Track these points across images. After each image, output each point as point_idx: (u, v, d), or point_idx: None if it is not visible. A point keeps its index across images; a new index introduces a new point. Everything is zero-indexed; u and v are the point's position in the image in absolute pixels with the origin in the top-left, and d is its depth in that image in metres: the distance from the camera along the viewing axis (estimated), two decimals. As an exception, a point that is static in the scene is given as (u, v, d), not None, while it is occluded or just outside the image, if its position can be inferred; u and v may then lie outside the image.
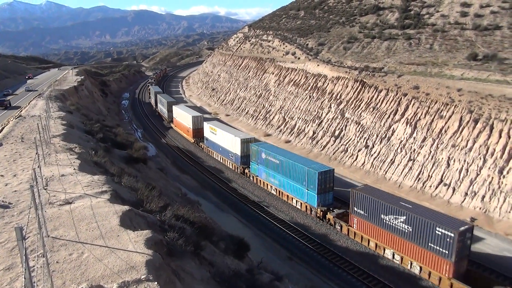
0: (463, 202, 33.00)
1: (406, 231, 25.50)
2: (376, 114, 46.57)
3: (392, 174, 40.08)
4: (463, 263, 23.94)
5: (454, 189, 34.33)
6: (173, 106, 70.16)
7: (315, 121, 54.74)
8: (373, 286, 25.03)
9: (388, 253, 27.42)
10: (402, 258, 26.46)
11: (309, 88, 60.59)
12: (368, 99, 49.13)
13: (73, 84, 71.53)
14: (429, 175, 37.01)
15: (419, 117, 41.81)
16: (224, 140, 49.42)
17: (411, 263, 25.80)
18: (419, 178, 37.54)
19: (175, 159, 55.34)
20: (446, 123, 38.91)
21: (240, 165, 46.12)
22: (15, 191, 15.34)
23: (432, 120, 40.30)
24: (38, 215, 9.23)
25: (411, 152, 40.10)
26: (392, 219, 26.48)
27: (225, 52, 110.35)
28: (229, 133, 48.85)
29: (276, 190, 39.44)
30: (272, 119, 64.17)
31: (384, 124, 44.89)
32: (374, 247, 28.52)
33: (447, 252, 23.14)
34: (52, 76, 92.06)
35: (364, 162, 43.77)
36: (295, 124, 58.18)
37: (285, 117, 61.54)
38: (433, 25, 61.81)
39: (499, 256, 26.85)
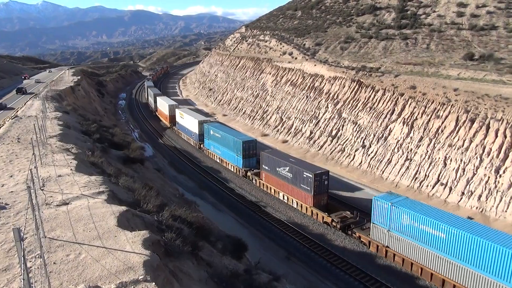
0: (460, 201, 33.14)
1: (289, 177, 36.19)
2: (373, 114, 46.68)
3: (389, 173, 40.18)
4: (322, 197, 34.24)
5: (451, 189, 34.46)
6: (157, 97, 79.75)
7: (312, 121, 54.80)
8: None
9: (281, 196, 38.25)
10: (288, 198, 37.26)
11: (306, 88, 60.66)
12: (365, 99, 49.23)
13: (70, 84, 71.31)
14: (426, 175, 37.13)
15: (416, 117, 41.94)
16: (189, 122, 59.31)
17: (292, 200, 36.59)
18: (416, 178, 37.65)
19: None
20: (442, 122, 39.04)
21: (198, 141, 56.56)
22: (12, 192, 15.29)
23: (429, 120, 40.43)
24: (35, 216, 9.20)
25: (408, 152, 40.22)
26: (282, 170, 37.23)
27: (222, 52, 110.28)
28: (192, 116, 58.64)
29: (219, 158, 50.49)
30: (269, 119, 64.20)
31: (381, 124, 45.00)
32: (273, 193, 39.49)
33: (309, 188, 33.67)
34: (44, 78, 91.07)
35: (361, 162, 43.86)
36: (292, 124, 58.22)
37: (282, 117, 61.58)
38: (429, 25, 61.99)
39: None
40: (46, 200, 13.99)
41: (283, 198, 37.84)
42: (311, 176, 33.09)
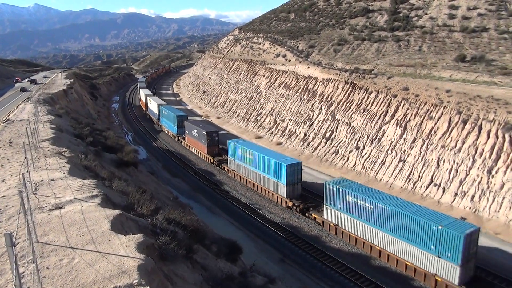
0: (453, 202, 33.35)
1: (196, 136, 52.92)
2: (367, 115, 46.90)
3: (383, 175, 40.36)
4: (214, 148, 50.91)
5: (444, 189, 34.68)
6: (140, 89, 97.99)
7: (306, 123, 54.93)
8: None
9: (194, 150, 55.22)
10: (196, 150, 54.39)
11: (300, 90, 60.81)
12: (359, 100, 49.46)
13: (62, 87, 70.84)
14: (419, 176, 37.34)
15: (409, 118, 42.20)
16: (154, 106, 75.13)
17: (198, 151, 54.10)
18: (410, 179, 37.85)
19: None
20: (435, 124, 39.32)
21: (158, 120, 73.44)
22: (4, 196, 15.12)
23: (422, 121, 40.70)
24: (28, 220, 9.10)
25: (401, 153, 40.43)
26: (193, 132, 53.69)
27: (215, 55, 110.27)
28: (155, 101, 75.40)
29: (168, 132, 67.71)
30: (263, 121, 64.24)
31: (374, 125, 45.21)
32: (191, 149, 56.49)
33: (204, 141, 50.92)
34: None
35: (355, 163, 44.01)
36: (286, 126, 58.31)
37: (276, 119, 61.65)
38: (421, 27, 62.53)
39: (489, 256, 27.12)
40: (38, 204, 13.85)
41: (195, 151, 55.12)
42: (205, 133, 49.92)
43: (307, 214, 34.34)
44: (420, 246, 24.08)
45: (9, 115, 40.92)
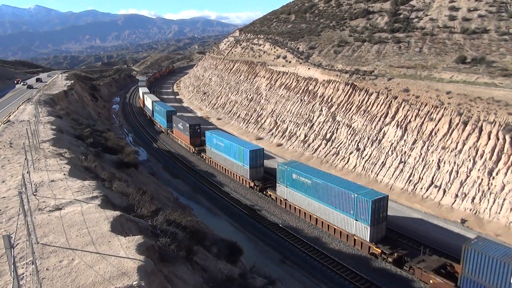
0: (453, 203, 33.30)
1: (182, 129, 58.86)
2: (367, 117, 46.88)
3: (384, 176, 40.31)
4: (196, 139, 56.33)
5: (444, 191, 34.63)
6: (140, 88, 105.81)
7: (306, 125, 54.92)
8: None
9: (179, 141, 61.73)
10: (181, 141, 60.97)
11: (300, 92, 60.82)
12: (359, 102, 49.45)
13: (63, 88, 70.89)
14: (420, 177, 37.30)
15: (410, 120, 42.18)
16: (149, 103, 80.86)
17: (182, 142, 60.74)
18: (410, 180, 37.81)
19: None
20: (436, 125, 39.29)
21: (151, 115, 79.61)
22: (4, 197, 15.11)
23: (422, 123, 40.68)
24: (27, 221, 9.09)
25: (402, 155, 40.40)
26: (180, 125, 59.86)
27: (216, 56, 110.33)
28: (150, 98, 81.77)
29: (160, 126, 73.17)
30: (264, 122, 64.23)
31: (375, 127, 45.19)
32: (178, 141, 62.51)
33: (187, 133, 57.05)
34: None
35: (356, 165, 43.97)
36: (287, 128, 58.30)
37: (277, 120, 61.65)
38: (422, 29, 62.53)
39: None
40: (38, 205, 13.84)
41: (180, 142, 61.41)
42: (188, 125, 55.63)
43: (264, 192, 40.15)
44: (344, 212, 29.54)
45: (9, 116, 40.94)
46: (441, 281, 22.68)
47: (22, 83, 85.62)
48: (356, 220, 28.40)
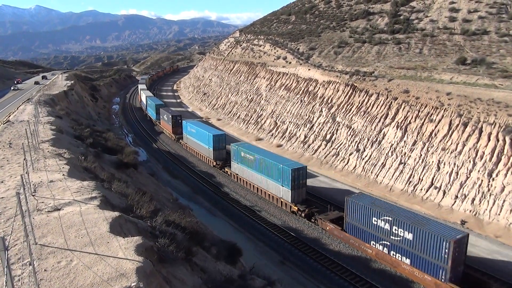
0: (453, 205, 33.26)
1: (166, 120, 67.09)
2: (367, 118, 46.85)
3: (383, 177, 40.27)
4: (177, 128, 62.32)
5: (444, 192, 34.59)
6: (139, 85, 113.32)
7: (306, 125, 54.88)
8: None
9: (165, 132, 68.45)
10: (166, 131, 68.07)
11: (300, 92, 60.79)
12: (359, 103, 49.42)
13: (63, 88, 70.88)
14: (419, 179, 37.26)
15: (410, 121, 42.15)
16: (144, 98, 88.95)
17: (167, 132, 67.04)
18: (410, 182, 37.77)
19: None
20: (436, 126, 39.26)
21: (145, 109, 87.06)
22: (2, 197, 15.07)
23: (422, 124, 40.65)
24: (25, 222, 9.05)
25: (401, 156, 40.36)
26: (164, 116, 67.55)
27: (216, 57, 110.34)
28: (145, 94, 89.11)
29: (150, 118, 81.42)
30: (264, 123, 64.20)
31: (375, 128, 45.16)
32: (164, 131, 69.78)
33: (170, 123, 64.45)
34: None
35: (356, 165, 43.94)
36: (287, 128, 58.26)
37: (277, 121, 61.62)
38: (422, 30, 62.51)
39: (489, 259, 27.04)
40: (37, 206, 13.80)
41: (166, 132, 68.47)
42: (171, 116, 63.39)
43: (223, 170, 47.35)
44: (275, 181, 36.56)
45: (9, 116, 40.91)
46: (333, 226, 30.70)
47: (12, 87, 77.07)
48: (282, 185, 35.57)
